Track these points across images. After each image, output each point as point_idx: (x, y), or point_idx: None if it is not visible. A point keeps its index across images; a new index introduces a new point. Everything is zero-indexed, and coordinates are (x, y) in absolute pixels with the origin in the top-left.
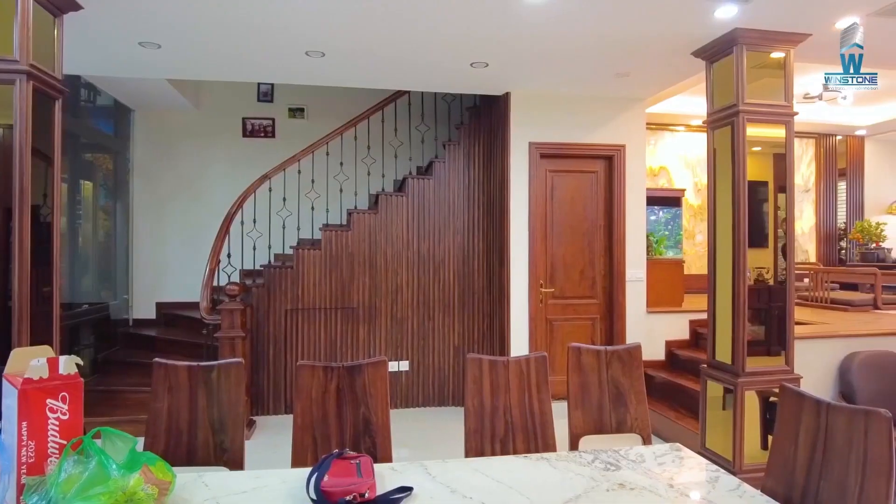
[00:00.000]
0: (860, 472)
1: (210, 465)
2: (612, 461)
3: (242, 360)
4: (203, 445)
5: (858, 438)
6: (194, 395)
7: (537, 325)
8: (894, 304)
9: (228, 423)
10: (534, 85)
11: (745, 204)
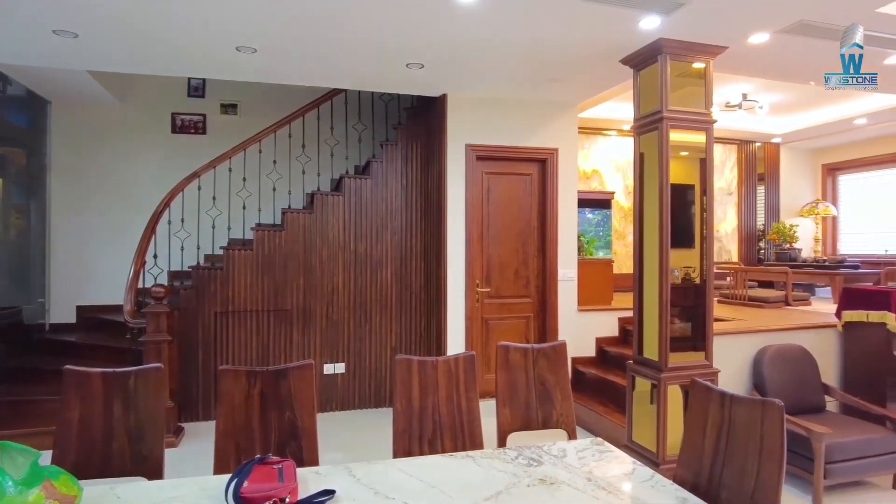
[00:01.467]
0: (758, 457)
1: (127, 475)
2: (535, 457)
3: (162, 366)
4: (119, 455)
5: (756, 427)
6: (109, 402)
7: (474, 324)
8: (803, 301)
9: (147, 431)
10: (470, 88)
11: (668, 206)
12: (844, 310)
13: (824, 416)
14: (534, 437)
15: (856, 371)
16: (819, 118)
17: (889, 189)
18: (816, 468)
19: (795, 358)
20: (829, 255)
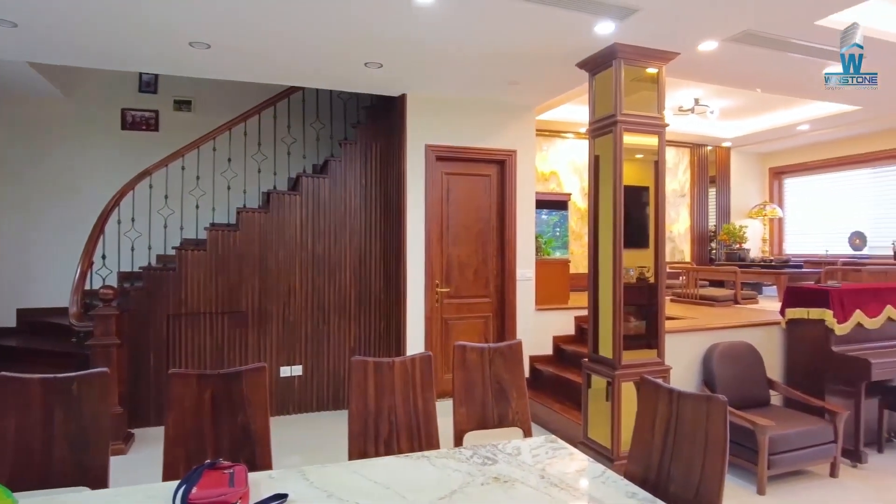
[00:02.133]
0: (703, 450)
1: (69, 485)
2: (490, 455)
3: (107, 370)
4: (60, 465)
5: (702, 421)
6: (50, 410)
7: (433, 324)
8: (751, 299)
9: (91, 439)
10: (430, 88)
11: (622, 207)
12: (788, 308)
13: (769, 409)
14: (490, 435)
15: (798, 366)
16: (766, 123)
17: (830, 192)
18: (761, 459)
19: (743, 354)
20: (776, 255)
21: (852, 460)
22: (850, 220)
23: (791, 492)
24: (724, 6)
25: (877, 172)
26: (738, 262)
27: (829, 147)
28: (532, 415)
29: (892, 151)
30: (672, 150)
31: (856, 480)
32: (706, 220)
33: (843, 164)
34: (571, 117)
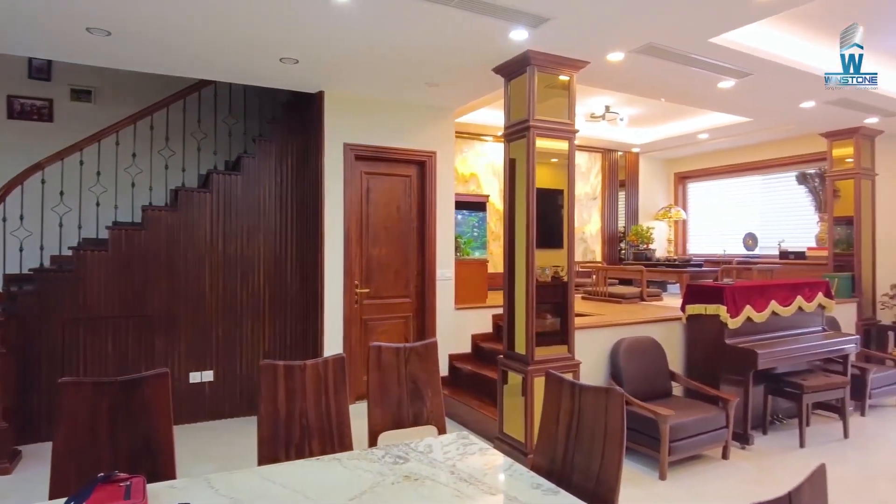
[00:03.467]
0: (602, 440)
1: None
2: (402, 454)
3: None
4: None
5: (601, 413)
6: None
7: (352, 326)
8: (656, 297)
9: None
10: (348, 87)
11: (535, 209)
12: (688, 304)
13: (671, 399)
14: (405, 435)
15: (697, 358)
16: (671, 131)
17: (727, 196)
18: (662, 446)
19: (647, 349)
20: (680, 255)
21: (741, 443)
22: (744, 222)
23: (689, 475)
24: (628, 20)
25: (766, 179)
26: (645, 261)
27: (727, 155)
28: (451, 413)
29: (779, 160)
30: (585, 155)
31: (744, 461)
32: (616, 221)
33: (738, 171)
34: (491, 121)
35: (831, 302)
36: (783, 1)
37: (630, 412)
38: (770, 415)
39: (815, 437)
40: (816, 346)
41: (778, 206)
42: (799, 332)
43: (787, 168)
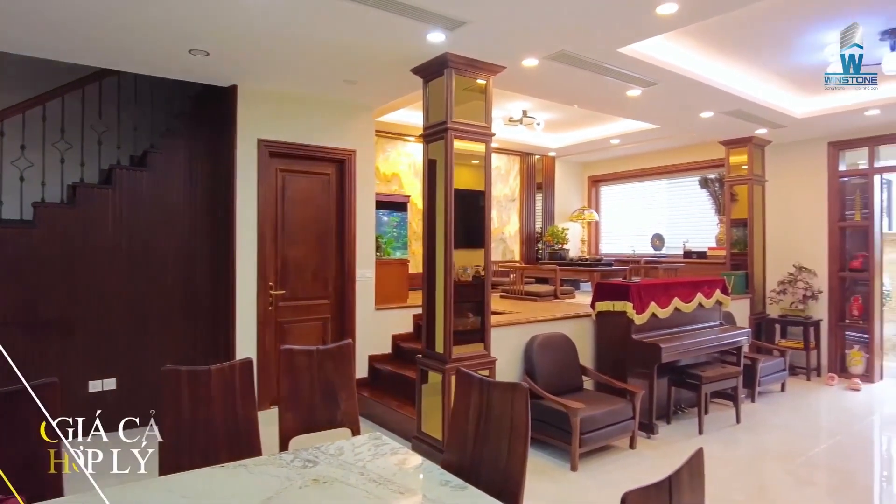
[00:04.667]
0: (509, 435)
1: None
2: (311, 458)
3: None
4: None
5: (508, 408)
6: None
7: (267, 328)
8: (569, 294)
9: None
10: (263, 81)
11: (453, 209)
12: (597, 301)
13: (582, 393)
14: (318, 438)
15: (606, 352)
16: (584, 136)
17: (637, 199)
18: (574, 439)
19: (559, 345)
20: (592, 254)
21: (647, 433)
22: (652, 223)
23: (599, 465)
24: (541, 27)
25: (672, 183)
26: (559, 261)
27: (636, 160)
28: (371, 414)
29: (683, 165)
30: (504, 158)
31: (649, 450)
32: (534, 222)
33: (646, 175)
34: (413, 120)
35: (727, 298)
36: (683, 17)
37: (543, 406)
38: (673, 405)
39: (712, 424)
40: (714, 339)
41: (682, 209)
42: (699, 327)
43: (690, 173)
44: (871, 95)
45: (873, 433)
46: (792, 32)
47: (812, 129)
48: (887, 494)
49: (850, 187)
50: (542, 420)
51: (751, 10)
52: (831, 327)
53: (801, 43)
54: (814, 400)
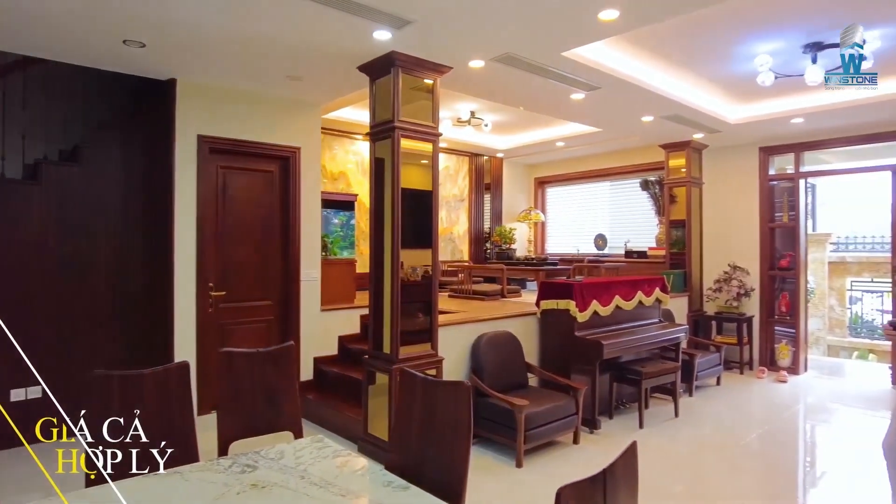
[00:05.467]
0: (452, 434)
1: None
2: (251, 463)
3: None
4: None
5: (451, 407)
6: None
7: (208, 331)
8: (515, 293)
9: None
10: (203, 75)
11: (399, 209)
12: (542, 300)
13: (527, 390)
14: (259, 442)
15: (550, 350)
16: (531, 138)
17: (581, 201)
18: (519, 435)
19: (505, 343)
20: (539, 254)
21: (590, 428)
22: (595, 224)
23: (543, 461)
24: (487, 29)
25: (615, 185)
26: (506, 260)
27: (581, 162)
28: (317, 417)
29: (625, 168)
30: (454, 158)
31: (592, 444)
32: (482, 222)
33: (591, 177)
34: (361, 118)
35: (666, 296)
36: (624, 23)
37: (489, 404)
38: (615, 400)
39: (652, 418)
40: (654, 336)
41: (624, 210)
42: (639, 324)
43: (632, 175)
44: (796, 104)
45: (798, 421)
46: (725, 42)
47: (744, 134)
48: (810, 477)
49: (779, 190)
50: (489, 418)
51: (688, 20)
52: (762, 323)
53: (734, 53)
54: (746, 392)
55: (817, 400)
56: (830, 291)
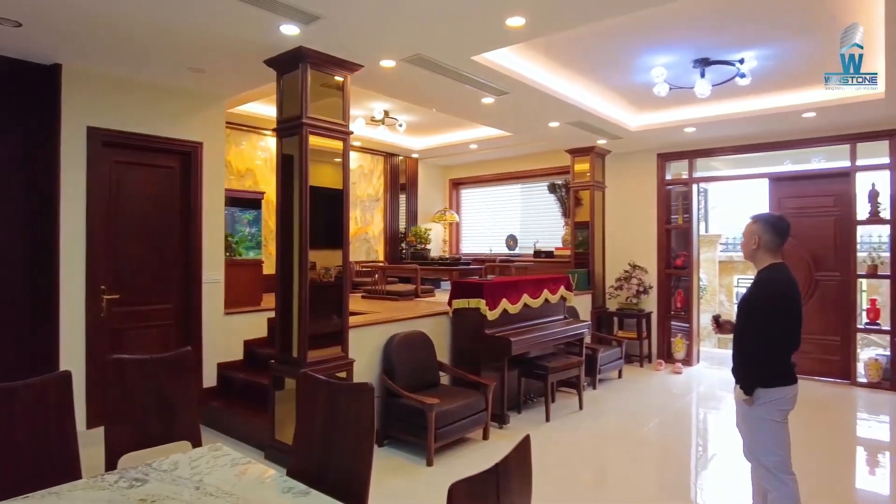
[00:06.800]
0: (356, 435)
1: None
2: (140, 476)
3: None
4: None
5: (354, 409)
6: None
7: (99, 337)
8: (429, 293)
9: None
10: (94, 62)
11: (307, 208)
12: (454, 299)
13: (438, 389)
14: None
15: (462, 348)
16: (445, 140)
17: (494, 202)
18: (429, 434)
19: (418, 343)
20: (453, 254)
21: (499, 423)
22: (507, 225)
23: (454, 458)
24: (396, 29)
25: (525, 187)
26: (421, 260)
27: (493, 164)
28: (222, 425)
29: (534, 171)
30: (368, 157)
31: (501, 439)
32: (398, 222)
33: (503, 180)
34: (269, 113)
35: (571, 294)
36: (530, 30)
37: (401, 404)
38: (523, 395)
39: (558, 412)
40: (559, 332)
41: (534, 212)
42: (546, 321)
43: (541, 178)
44: (689, 115)
45: (692, 409)
46: (626, 54)
47: (644, 141)
48: (702, 460)
49: (675, 194)
50: (401, 418)
51: (592, 31)
52: (660, 318)
53: (634, 64)
54: (645, 384)
55: (708, 389)
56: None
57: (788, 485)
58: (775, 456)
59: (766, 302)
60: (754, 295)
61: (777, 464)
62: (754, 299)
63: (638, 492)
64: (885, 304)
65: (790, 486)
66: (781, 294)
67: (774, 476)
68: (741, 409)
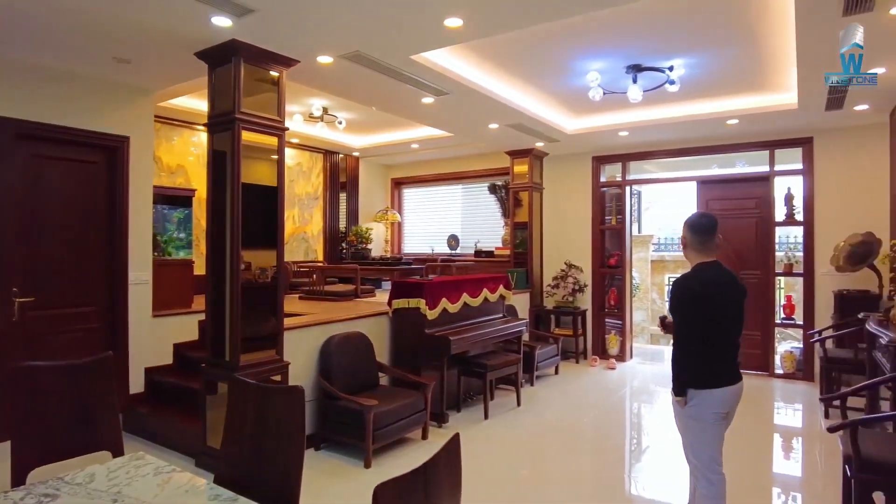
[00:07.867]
0: (287, 439)
1: None
2: (51, 491)
3: None
4: None
5: (286, 412)
6: None
7: (11, 343)
8: (369, 293)
9: None
10: (11, 49)
11: (240, 205)
12: (394, 299)
13: (377, 390)
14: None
15: (402, 348)
16: (387, 139)
17: (435, 202)
18: (367, 435)
19: (356, 343)
20: (395, 254)
21: (439, 422)
22: (448, 225)
23: (392, 459)
24: (332, 25)
25: (466, 188)
26: (361, 260)
27: (435, 164)
28: (150, 432)
29: (475, 172)
30: (307, 155)
31: (441, 438)
32: (338, 221)
33: (445, 180)
34: (202, 107)
35: (510, 293)
36: (468, 32)
37: (339, 407)
38: (463, 393)
39: (497, 409)
40: (498, 330)
41: (475, 212)
42: (485, 319)
43: (482, 179)
44: (622, 119)
45: (625, 403)
46: (562, 58)
47: (580, 144)
48: (636, 453)
49: (609, 196)
50: (339, 420)
51: (530, 35)
52: (594, 316)
53: (570, 68)
54: (581, 379)
55: (641, 383)
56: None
57: (716, 485)
58: (705, 455)
59: (679, 302)
60: (671, 296)
61: (706, 462)
62: (671, 300)
63: (574, 485)
64: (799, 301)
65: (717, 486)
66: (694, 295)
67: (703, 474)
68: (675, 409)
